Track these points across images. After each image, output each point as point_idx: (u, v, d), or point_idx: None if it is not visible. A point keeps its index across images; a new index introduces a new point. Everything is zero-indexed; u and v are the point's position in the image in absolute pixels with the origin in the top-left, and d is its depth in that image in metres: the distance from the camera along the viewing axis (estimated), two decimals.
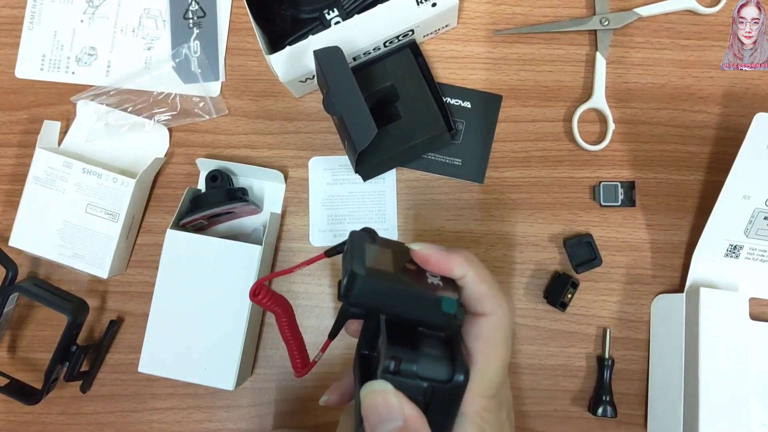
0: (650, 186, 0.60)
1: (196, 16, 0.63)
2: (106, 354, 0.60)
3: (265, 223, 0.59)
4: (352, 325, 0.38)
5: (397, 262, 0.34)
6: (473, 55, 0.61)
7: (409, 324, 0.32)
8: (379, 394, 0.29)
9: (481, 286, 0.33)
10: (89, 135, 0.61)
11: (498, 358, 0.33)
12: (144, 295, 0.60)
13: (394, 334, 0.30)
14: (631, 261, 0.59)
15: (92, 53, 0.63)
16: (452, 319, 0.31)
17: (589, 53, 0.61)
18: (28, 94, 0.63)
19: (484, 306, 0.33)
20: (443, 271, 0.34)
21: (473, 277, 0.33)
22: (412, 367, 0.29)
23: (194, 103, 0.62)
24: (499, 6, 0.62)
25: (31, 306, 0.61)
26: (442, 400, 0.30)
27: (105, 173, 0.58)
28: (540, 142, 0.61)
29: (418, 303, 0.31)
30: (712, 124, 0.60)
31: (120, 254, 0.59)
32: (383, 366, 0.29)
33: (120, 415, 0.60)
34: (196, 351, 0.55)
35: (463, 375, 0.29)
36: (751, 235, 0.55)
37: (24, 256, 0.60)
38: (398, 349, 0.29)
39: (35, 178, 0.58)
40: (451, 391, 0.30)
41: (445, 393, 0.30)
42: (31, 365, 0.60)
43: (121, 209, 0.57)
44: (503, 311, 0.34)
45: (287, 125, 0.62)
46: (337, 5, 0.58)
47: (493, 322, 0.33)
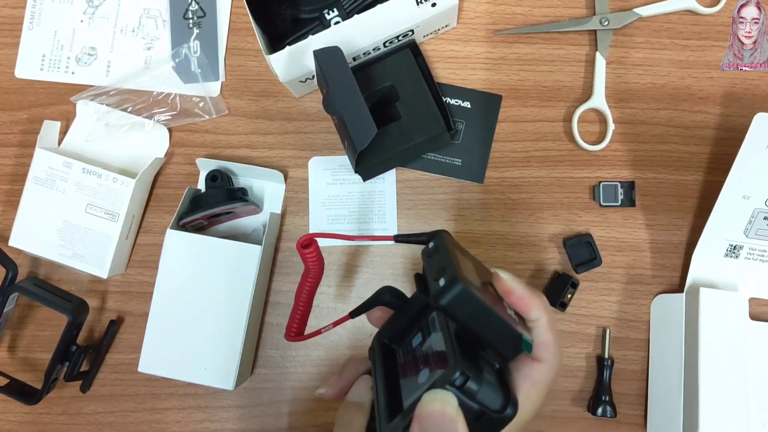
0: (650, 186, 0.60)
1: (196, 16, 0.63)
2: (106, 354, 0.60)
3: (265, 223, 0.59)
4: (377, 313, 0.39)
5: (482, 279, 0.35)
6: (473, 55, 0.61)
7: (474, 343, 0.32)
8: (442, 403, 0.30)
9: (549, 335, 0.35)
10: (89, 135, 0.61)
11: (537, 403, 0.34)
12: (144, 295, 0.60)
13: (463, 349, 0.31)
14: (631, 261, 0.59)
15: (92, 53, 0.63)
16: (518, 356, 0.33)
17: (589, 53, 0.61)
18: (28, 94, 0.63)
19: (545, 353, 0.35)
20: (521, 309, 0.35)
21: (545, 323, 0.35)
22: (475, 388, 0.30)
23: (194, 103, 0.62)
24: (498, 6, 0.62)
25: (31, 306, 0.61)
26: (485, 428, 0.31)
27: (105, 173, 0.58)
28: (540, 142, 0.61)
29: (502, 332, 0.32)
30: (712, 125, 0.60)
31: (120, 254, 0.59)
32: (451, 377, 0.29)
33: (120, 415, 0.60)
34: (196, 351, 0.55)
35: (512, 409, 0.30)
36: (751, 235, 0.55)
37: (24, 256, 0.60)
38: (468, 366, 0.30)
39: (35, 178, 0.58)
40: (497, 422, 0.31)
41: (491, 422, 0.31)
42: (31, 365, 0.60)
43: (121, 209, 0.57)
44: (557, 363, 0.35)
45: (287, 125, 0.62)
46: (337, 5, 0.58)
47: (546, 370, 0.35)
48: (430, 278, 0.32)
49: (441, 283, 0.31)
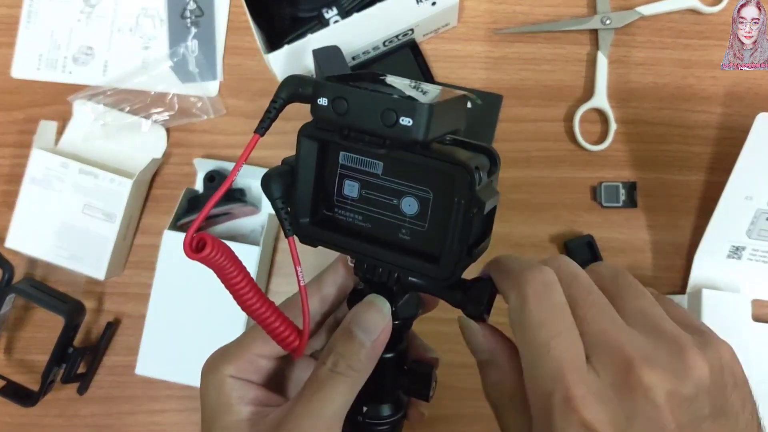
0: (652, 186, 0.59)
1: (194, 15, 0.62)
2: (103, 356, 0.60)
3: (264, 224, 0.59)
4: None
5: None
6: (473, 55, 0.61)
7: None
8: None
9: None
10: (86, 135, 0.61)
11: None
12: (141, 296, 0.60)
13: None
14: (633, 262, 0.59)
15: (89, 53, 0.62)
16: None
17: (590, 53, 0.61)
18: (25, 94, 0.62)
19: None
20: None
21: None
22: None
23: (192, 102, 0.61)
24: (499, 5, 0.61)
25: (28, 307, 0.60)
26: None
27: (102, 174, 0.57)
28: (541, 142, 0.60)
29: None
30: (714, 124, 0.60)
31: (117, 255, 0.58)
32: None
33: (117, 417, 0.59)
34: (193, 353, 0.54)
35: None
36: (754, 236, 0.55)
37: (20, 257, 0.60)
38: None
39: (32, 178, 0.58)
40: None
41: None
42: (28, 367, 0.60)
43: (118, 210, 0.57)
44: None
45: (285, 125, 0.60)
46: (336, 4, 0.57)
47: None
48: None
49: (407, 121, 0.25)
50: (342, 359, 0.28)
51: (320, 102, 0.26)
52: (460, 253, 0.27)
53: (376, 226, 0.30)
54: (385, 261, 0.29)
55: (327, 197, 0.30)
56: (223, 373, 0.31)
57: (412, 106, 0.25)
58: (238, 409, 0.29)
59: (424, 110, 0.25)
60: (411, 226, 0.29)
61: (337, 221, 0.31)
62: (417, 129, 0.25)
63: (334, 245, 0.30)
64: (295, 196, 0.30)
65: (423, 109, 0.25)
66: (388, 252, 0.29)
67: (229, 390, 0.30)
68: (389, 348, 0.31)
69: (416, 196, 0.29)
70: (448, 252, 0.28)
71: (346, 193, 0.30)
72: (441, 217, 0.28)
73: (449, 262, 0.28)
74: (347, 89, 0.26)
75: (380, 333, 0.29)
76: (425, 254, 0.29)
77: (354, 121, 0.26)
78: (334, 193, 0.30)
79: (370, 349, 0.28)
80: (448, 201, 0.27)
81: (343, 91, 0.26)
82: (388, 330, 0.29)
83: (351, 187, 0.30)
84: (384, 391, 0.33)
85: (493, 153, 0.30)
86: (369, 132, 0.26)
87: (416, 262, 0.29)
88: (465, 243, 0.27)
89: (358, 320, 0.29)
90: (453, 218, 0.27)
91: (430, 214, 0.28)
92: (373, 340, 0.28)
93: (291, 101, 0.28)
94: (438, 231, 0.28)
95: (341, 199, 0.30)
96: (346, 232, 0.30)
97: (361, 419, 0.32)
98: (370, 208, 0.30)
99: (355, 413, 0.32)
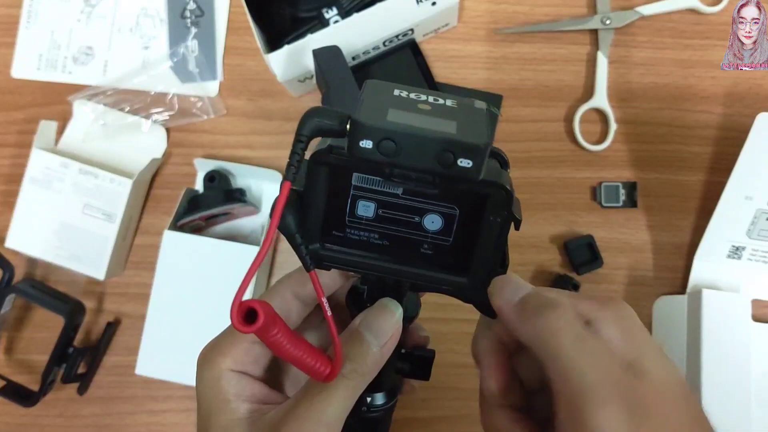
0: (652, 186, 0.59)
1: (194, 15, 0.62)
2: (104, 356, 0.60)
3: (264, 224, 0.59)
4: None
5: None
6: (473, 55, 0.61)
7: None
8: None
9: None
10: (86, 135, 0.61)
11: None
12: (141, 296, 0.60)
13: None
14: (633, 262, 0.59)
15: (89, 53, 0.62)
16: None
17: (590, 53, 0.61)
18: (25, 94, 0.62)
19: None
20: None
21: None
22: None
23: (192, 102, 0.61)
24: (499, 5, 0.61)
25: (28, 307, 0.60)
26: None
27: (102, 174, 0.57)
28: (541, 142, 0.60)
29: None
30: (715, 125, 0.60)
31: (117, 255, 0.58)
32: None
33: (117, 417, 0.59)
34: (193, 353, 0.54)
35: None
36: (754, 236, 0.55)
37: (20, 257, 0.60)
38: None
39: (32, 178, 0.58)
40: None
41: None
42: (28, 367, 0.60)
43: (118, 210, 0.57)
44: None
45: (285, 125, 0.61)
46: (336, 4, 0.57)
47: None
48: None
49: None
50: (348, 362, 0.27)
51: (363, 145, 0.24)
52: (494, 266, 0.28)
53: (395, 243, 0.29)
54: (409, 277, 0.29)
55: (338, 218, 0.29)
56: (219, 366, 0.29)
57: (473, 147, 0.23)
58: (235, 406, 0.28)
59: (484, 151, 0.24)
60: (434, 241, 0.28)
61: (350, 241, 0.29)
62: (477, 170, 0.24)
63: (349, 267, 0.29)
64: (306, 222, 0.28)
65: (483, 149, 0.24)
66: (410, 268, 0.29)
67: (226, 386, 0.29)
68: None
69: (440, 213, 0.28)
70: (480, 266, 0.28)
71: (360, 213, 0.28)
72: (469, 230, 0.28)
73: (480, 275, 0.28)
74: (393, 129, 0.23)
75: (390, 338, 0.28)
76: (451, 267, 0.29)
77: (406, 162, 0.24)
78: (347, 215, 0.28)
79: (378, 353, 0.28)
80: (477, 215, 0.27)
81: (390, 133, 0.23)
82: (398, 335, 0.29)
83: (366, 208, 0.28)
84: (383, 381, 0.33)
85: (503, 156, 0.29)
86: (422, 171, 0.24)
87: (442, 276, 0.29)
88: (499, 257, 0.28)
89: (370, 324, 0.28)
90: (487, 236, 0.27)
91: (456, 229, 0.28)
92: (381, 345, 0.28)
93: (316, 136, 0.26)
94: (464, 244, 0.28)
95: (354, 220, 0.29)
96: (360, 250, 0.29)
97: (366, 410, 0.33)
98: (388, 227, 0.29)
99: (357, 405, 0.33)
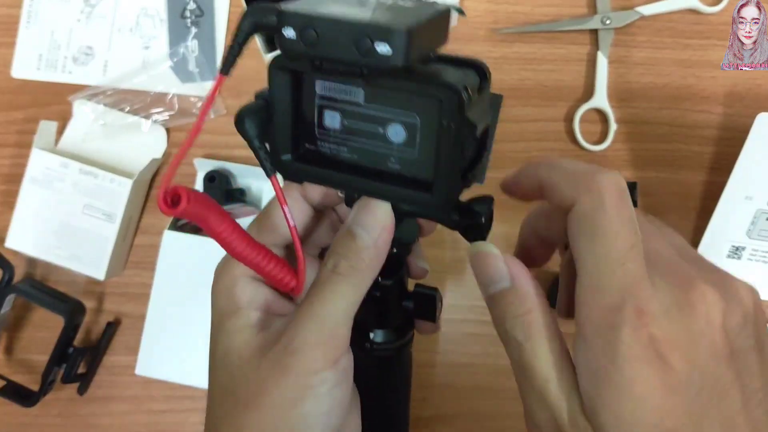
0: (652, 186, 0.59)
1: (194, 15, 0.62)
2: (103, 356, 0.60)
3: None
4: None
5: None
6: (473, 55, 0.61)
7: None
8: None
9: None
10: (86, 135, 0.61)
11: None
12: (141, 296, 0.60)
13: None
14: None
15: (89, 53, 0.62)
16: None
17: (590, 52, 0.61)
18: (25, 94, 0.62)
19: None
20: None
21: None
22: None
23: (192, 102, 0.61)
24: (499, 5, 0.61)
25: (28, 307, 0.60)
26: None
27: (102, 174, 0.57)
28: (541, 142, 0.60)
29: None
30: (715, 124, 0.60)
31: (117, 255, 0.58)
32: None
33: (117, 417, 0.59)
34: (193, 353, 0.54)
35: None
36: (754, 237, 0.55)
37: (20, 257, 0.60)
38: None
39: (32, 178, 0.58)
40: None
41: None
42: (28, 367, 0.60)
43: (118, 210, 0.57)
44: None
45: None
46: None
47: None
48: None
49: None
50: (343, 260, 0.27)
51: (286, 33, 0.23)
52: (454, 179, 0.26)
53: (364, 157, 0.28)
54: (376, 192, 0.28)
55: (308, 130, 0.28)
56: (234, 273, 0.29)
57: (388, 30, 0.22)
58: (246, 313, 0.28)
59: (402, 35, 0.22)
60: (400, 154, 0.27)
61: (322, 155, 0.29)
62: (396, 55, 0.22)
63: (321, 180, 0.29)
64: (274, 132, 0.28)
65: (400, 33, 0.22)
66: (378, 183, 0.27)
67: (240, 293, 0.29)
68: (389, 275, 0.31)
69: (403, 122, 0.27)
70: (441, 179, 0.26)
71: (327, 124, 0.28)
72: (431, 142, 0.26)
73: (443, 190, 0.26)
74: (315, 17, 0.23)
75: (382, 230, 0.27)
76: (417, 182, 0.27)
77: (325, 51, 0.23)
78: (315, 126, 0.28)
79: (372, 247, 0.27)
80: (438, 125, 0.25)
81: (311, 20, 0.23)
82: (391, 228, 0.28)
83: (332, 118, 0.28)
84: (389, 317, 0.33)
85: (482, 66, 0.28)
86: (343, 61, 0.24)
87: (408, 192, 0.27)
88: (458, 169, 0.26)
89: (358, 219, 0.27)
90: (443, 144, 0.25)
91: (419, 140, 0.27)
92: (375, 239, 0.27)
93: (255, 32, 0.25)
94: (429, 157, 0.27)
95: (323, 131, 0.28)
96: (332, 165, 0.28)
97: (369, 346, 0.32)
98: (355, 139, 0.28)
99: (362, 340, 0.32)
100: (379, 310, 0.31)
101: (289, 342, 0.26)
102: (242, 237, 0.27)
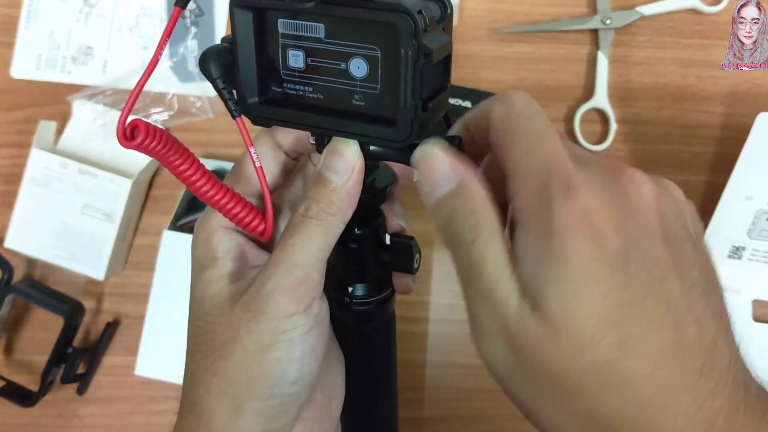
0: None
1: (193, 15, 0.62)
2: (103, 356, 0.60)
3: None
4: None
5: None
6: (473, 55, 0.61)
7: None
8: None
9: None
10: (86, 135, 0.61)
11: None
12: (141, 297, 0.60)
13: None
14: None
15: (89, 53, 0.62)
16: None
17: (590, 52, 0.60)
18: (24, 94, 0.62)
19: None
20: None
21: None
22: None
23: (191, 102, 0.61)
24: (499, 5, 0.61)
25: (27, 308, 0.60)
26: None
27: (101, 174, 0.57)
28: None
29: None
30: (715, 124, 0.60)
31: (116, 256, 0.58)
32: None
33: (116, 418, 0.59)
34: None
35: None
36: (754, 237, 0.54)
37: (20, 257, 0.59)
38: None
39: (31, 178, 0.58)
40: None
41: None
42: (27, 367, 0.60)
43: (118, 210, 0.57)
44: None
45: None
46: None
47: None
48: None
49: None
50: (314, 203, 0.27)
51: None
52: (415, 109, 0.25)
53: (329, 96, 0.28)
54: (342, 131, 0.27)
55: (274, 72, 0.28)
56: (211, 224, 0.29)
57: None
58: (223, 263, 0.29)
59: None
60: (363, 90, 0.27)
61: (289, 97, 0.28)
62: None
63: (288, 122, 0.28)
64: (239, 74, 0.27)
65: None
66: (344, 121, 0.27)
67: (217, 242, 0.29)
68: (365, 224, 0.31)
69: (364, 56, 0.26)
70: (402, 111, 0.26)
71: (292, 64, 0.27)
72: (392, 75, 0.26)
73: (405, 122, 0.26)
74: None
75: (352, 172, 0.27)
76: (382, 118, 0.27)
77: None
78: (281, 67, 0.28)
79: (342, 190, 0.27)
80: (397, 55, 0.25)
81: None
82: (361, 169, 0.27)
83: (296, 57, 0.27)
84: (366, 270, 0.32)
85: (444, 0, 0.27)
86: None
87: (374, 128, 0.27)
88: (418, 98, 0.25)
89: (327, 162, 0.27)
90: (402, 73, 0.25)
91: (381, 73, 0.26)
92: (345, 180, 0.27)
93: None
94: (392, 91, 0.26)
95: (288, 72, 0.28)
96: (298, 107, 0.28)
97: (348, 300, 0.32)
98: (319, 77, 0.27)
99: (341, 295, 0.32)
100: (356, 262, 0.31)
101: (261, 287, 0.26)
102: (207, 177, 0.27)
